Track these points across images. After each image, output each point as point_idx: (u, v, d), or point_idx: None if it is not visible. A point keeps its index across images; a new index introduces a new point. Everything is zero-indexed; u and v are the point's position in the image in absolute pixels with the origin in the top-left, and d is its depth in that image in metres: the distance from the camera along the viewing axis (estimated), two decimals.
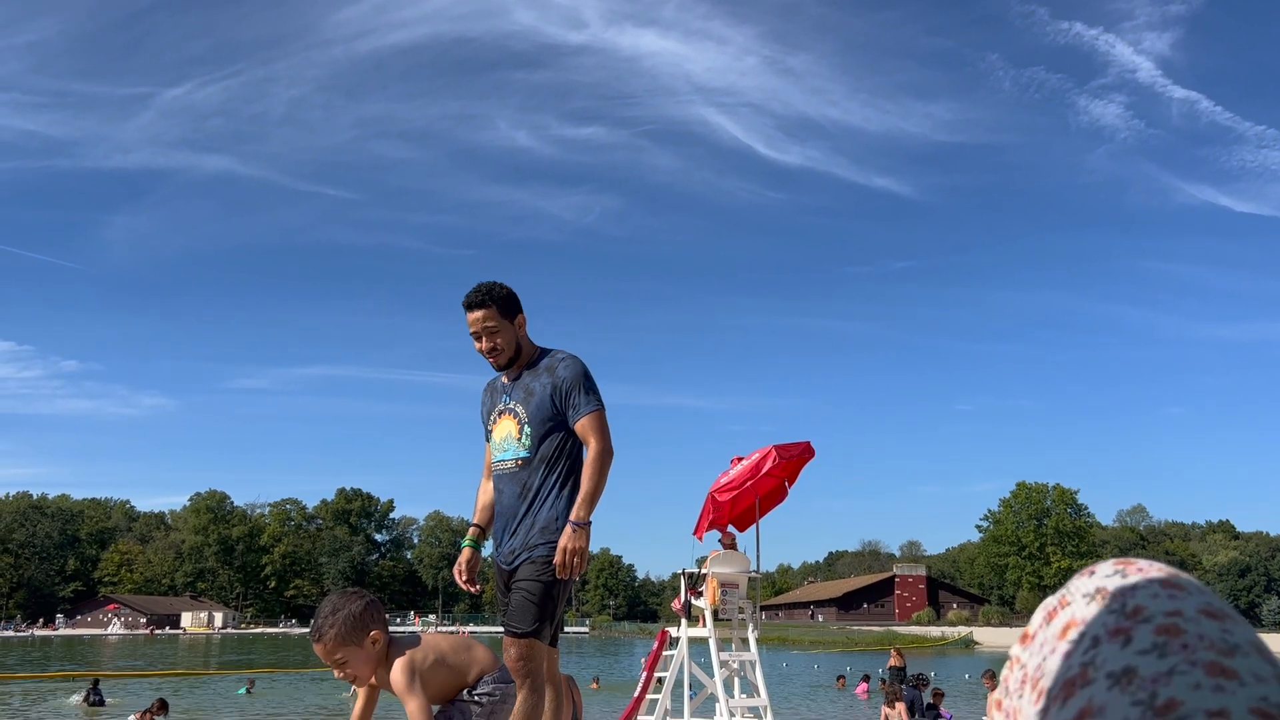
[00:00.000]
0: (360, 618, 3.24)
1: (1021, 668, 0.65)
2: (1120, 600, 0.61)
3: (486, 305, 3.98)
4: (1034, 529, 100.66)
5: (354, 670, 3.26)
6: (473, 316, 4.00)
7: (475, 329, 4.01)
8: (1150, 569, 0.63)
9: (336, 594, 3.38)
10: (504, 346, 4.01)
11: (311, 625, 3.30)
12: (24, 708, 19.20)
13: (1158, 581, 0.62)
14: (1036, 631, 0.65)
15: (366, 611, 3.27)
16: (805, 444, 13.03)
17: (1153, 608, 0.59)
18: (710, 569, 12.26)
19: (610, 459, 3.93)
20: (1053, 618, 0.65)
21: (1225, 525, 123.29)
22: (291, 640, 73.71)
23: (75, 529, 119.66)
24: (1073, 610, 0.63)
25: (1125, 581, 0.63)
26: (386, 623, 3.39)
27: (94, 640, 70.79)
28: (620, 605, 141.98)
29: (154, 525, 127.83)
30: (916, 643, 67.34)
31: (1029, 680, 0.63)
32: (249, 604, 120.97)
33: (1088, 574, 0.66)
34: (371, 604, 3.33)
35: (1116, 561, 0.66)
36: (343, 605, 3.28)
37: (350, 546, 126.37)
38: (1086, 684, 0.57)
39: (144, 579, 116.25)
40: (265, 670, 31.00)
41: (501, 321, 3.99)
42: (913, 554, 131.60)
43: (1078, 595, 0.64)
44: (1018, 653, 0.67)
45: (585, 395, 3.94)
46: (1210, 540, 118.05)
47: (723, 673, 11.88)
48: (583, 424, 3.92)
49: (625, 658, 43.59)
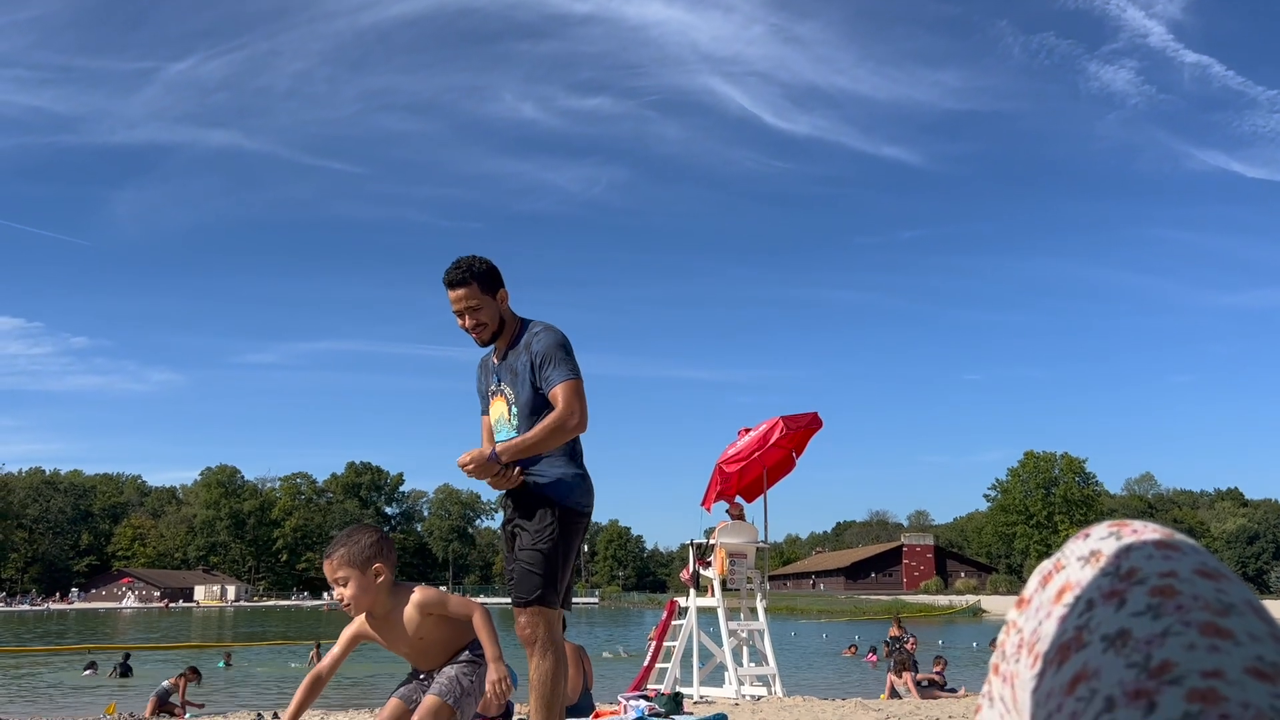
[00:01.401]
0: (369, 547, 3.43)
1: (1018, 632, 0.65)
2: (1114, 562, 0.61)
3: (467, 283, 3.91)
4: (1042, 498, 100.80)
5: (352, 593, 3.40)
6: (454, 295, 3.94)
7: (458, 307, 3.95)
8: (1145, 530, 0.63)
9: (354, 526, 3.61)
10: (487, 322, 3.96)
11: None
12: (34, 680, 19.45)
13: (1152, 543, 0.61)
14: (1032, 596, 0.65)
15: (377, 544, 3.45)
16: (813, 415, 13.04)
17: (1147, 569, 0.59)
18: (718, 539, 12.31)
19: (567, 429, 3.77)
20: (1048, 581, 0.65)
21: (1234, 493, 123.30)
22: (304, 613, 74.37)
23: (88, 504, 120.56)
24: (1067, 574, 0.63)
25: (1120, 543, 0.62)
26: (394, 562, 3.52)
27: (109, 614, 71.53)
28: (629, 576, 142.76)
29: (165, 500, 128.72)
30: (924, 611, 67.61)
31: (1025, 645, 0.63)
32: (261, 577, 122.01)
33: (1082, 537, 0.66)
34: (384, 539, 3.51)
35: (1111, 524, 0.66)
36: (355, 533, 3.52)
37: (360, 520, 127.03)
38: (1081, 647, 0.57)
39: (157, 553, 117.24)
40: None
41: (483, 298, 3.93)
42: (920, 524, 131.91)
43: (1072, 558, 0.64)
44: (1014, 617, 0.67)
45: (556, 366, 3.83)
46: (1219, 508, 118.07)
47: (731, 642, 11.96)
48: (553, 393, 3.81)
49: (634, 628, 43.90)
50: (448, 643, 3.53)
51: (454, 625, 3.51)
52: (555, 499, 3.82)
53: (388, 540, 3.52)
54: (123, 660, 19.97)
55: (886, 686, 14.39)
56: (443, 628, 3.52)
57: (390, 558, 3.47)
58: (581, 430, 3.83)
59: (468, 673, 3.48)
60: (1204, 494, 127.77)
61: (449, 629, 3.52)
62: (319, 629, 41.97)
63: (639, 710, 7.88)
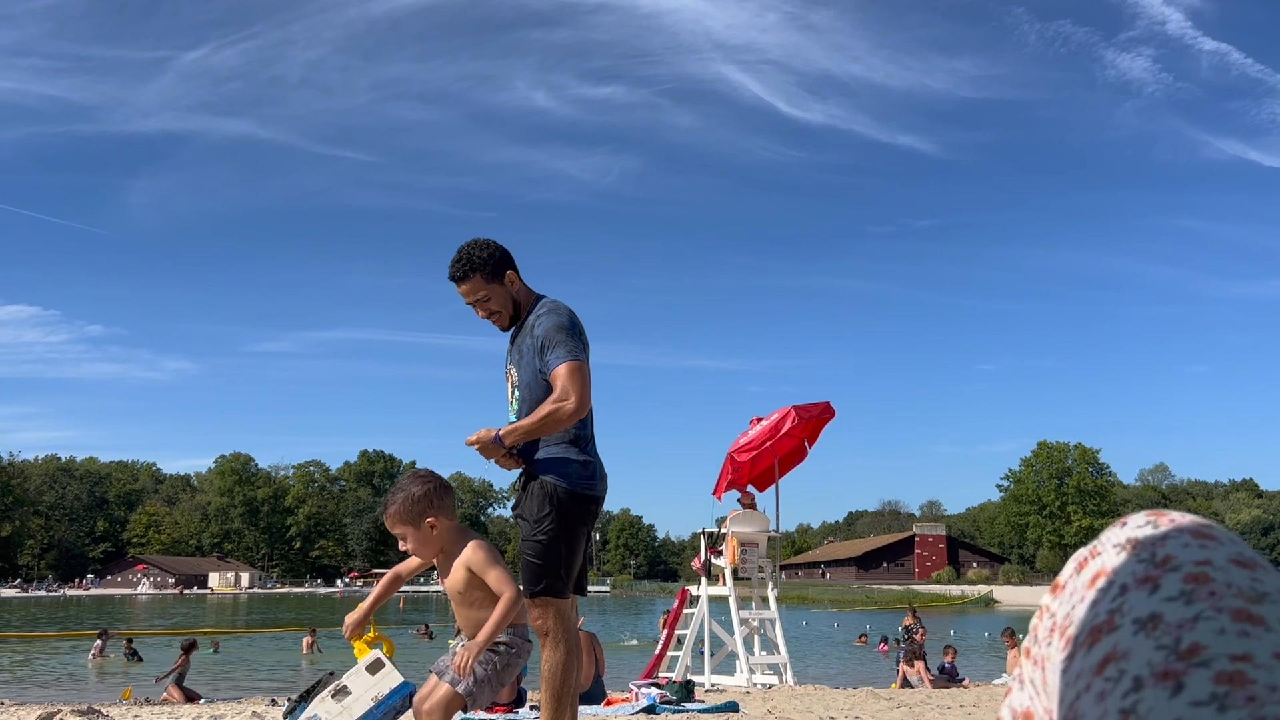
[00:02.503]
0: (419, 501, 3.44)
1: (1051, 616, 0.65)
2: (1150, 550, 0.61)
3: (469, 276, 3.83)
4: (1055, 488, 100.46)
5: (413, 548, 3.50)
6: (461, 290, 3.86)
7: (467, 301, 3.89)
8: (1182, 520, 0.64)
9: (409, 474, 3.59)
10: (501, 309, 3.88)
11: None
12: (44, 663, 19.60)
13: (1188, 531, 0.62)
14: (1067, 581, 0.66)
15: (426, 497, 3.45)
16: (825, 404, 13.02)
17: (1182, 557, 0.59)
18: (730, 528, 12.32)
19: (564, 413, 3.62)
20: (1083, 568, 0.65)
21: (1248, 484, 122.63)
22: (317, 600, 74.77)
23: (103, 491, 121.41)
24: (1103, 560, 0.64)
25: (1156, 532, 0.63)
26: (449, 509, 3.53)
27: (124, 600, 72.07)
28: (641, 565, 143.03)
29: (180, 487, 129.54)
30: (936, 601, 67.57)
31: (1058, 628, 0.64)
32: (275, 564, 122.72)
33: (1120, 525, 0.67)
34: (435, 489, 3.48)
35: (1149, 513, 0.66)
36: (405, 486, 3.50)
37: (373, 507, 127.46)
38: (1112, 630, 0.57)
39: (171, 540, 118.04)
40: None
41: (490, 286, 3.85)
42: (933, 513, 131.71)
43: (1108, 545, 0.65)
44: (1047, 602, 0.67)
45: (554, 349, 3.69)
46: (1233, 499, 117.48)
47: (743, 630, 11.98)
48: (552, 376, 3.68)
49: (646, 616, 43.99)
50: (484, 606, 3.47)
51: (487, 595, 3.48)
52: (555, 485, 3.73)
53: (441, 488, 3.51)
54: (128, 645, 20.13)
55: (899, 676, 14.38)
56: (483, 591, 3.47)
57: (443, 506, 3.48)
58: (580, 415, 3.67)
59: (484, 661, 3.46)
60: (1218, 485, 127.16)
61: (488, 597, 3.47)
62: (332, 615, 42.25)
63: (650, 698, 7.89)
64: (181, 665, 13.45)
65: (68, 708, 7.22)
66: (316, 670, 17.48)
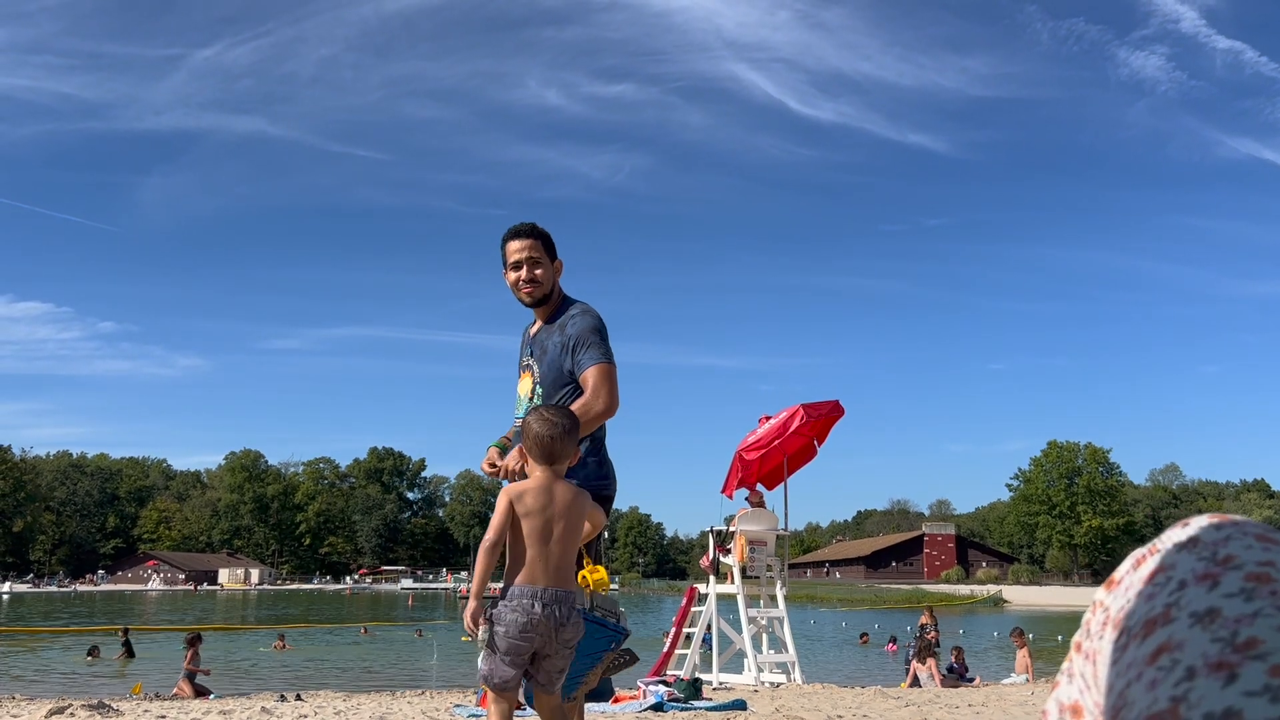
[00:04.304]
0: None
1: (1104, 610, 0.65)
2: (1211, 549, 0.61)
3: (536, 235, 3.89)
4: (1065, 488, 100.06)
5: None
6: (518, 244, 3.88)
7: (519, 256, 3.88)
8: (1246, 523, 0.64)
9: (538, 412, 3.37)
10: (543, 280, 3.89)
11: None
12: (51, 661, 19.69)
13: (1253, 534, 0.62)
14: (1123, 577, 0.66)
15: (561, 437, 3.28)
16: (834, 403, 13.00)
17: (1245, 557, 0.59)
18: (738, 527, 12.31)
19: (600, 413, 3.62)
20: (1141, 564, 0.65)
21: (1260, 484, 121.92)
22: (326, 596, 74.99)
23: (114, 487, 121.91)
24: (1161, 557, 0.64)
25: (1219, 533, 0.63)
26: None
27: (134, 596, 72.36)
28: (649, 563, 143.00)
29: (190, 484, 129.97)
30: (945, 601, 67.45)
31: (1111, 622, 0.63)
32: (284, 561, 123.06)
33: (1181, 525, 0.66)
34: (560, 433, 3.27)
35: (1213, 515, 0.66)
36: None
37: (383, 505, 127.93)
38: (1168, 623, 0.57)
39: (182, 536, 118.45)
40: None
41: (544, 256, 3.89)
42: (942, 513, 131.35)
43: (1168, 544, 0.65)
44: (1101, 597, 0.67)
45: (588, 349, 3.71)
46: (1244, 499, 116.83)
47: (751, 629, 11.97)
48: (584, 375, 3.68)
49: (654, 614, 44.00)
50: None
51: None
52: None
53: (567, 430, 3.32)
54: (124, 639, 20.09)
55: (909, 674, 14.35)
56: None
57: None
58: (610, 415, 3.71)
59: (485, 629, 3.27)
60: (1229, 485, 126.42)
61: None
62: (343, 612, 42.35)
63: (658, 695, 7.89)
64: (191, 660, 13.48)
65: (78, 702, 7.25)
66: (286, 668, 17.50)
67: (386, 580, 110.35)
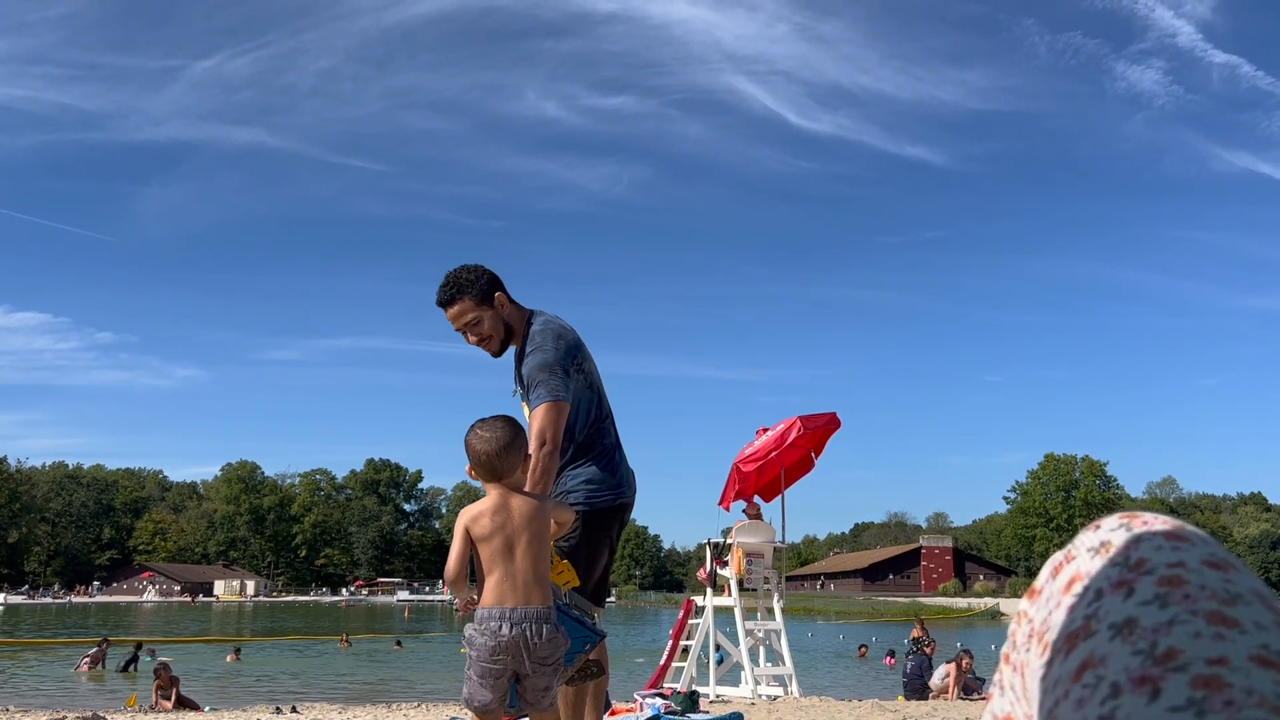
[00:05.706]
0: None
1: (1029, 622, 0.65)
2: (1124, 553, 0.61)
3: (458, 298, 3.69)
4: (1062, 500, 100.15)
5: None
6: (450, 314, 3.71)
7: (456, 326, 3.73)
8: (1155, 522, 0.64)
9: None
10: (491, 334, 3.74)
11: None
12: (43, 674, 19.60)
13: (1162, 534, 0.62)
14: (1043, 586, 0.66)
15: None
16: (831, 415, 13.00)
17: (1155, 560, 0.59)
18: (735, 539, 12.29)
19: (546, 455, 3.42)
20: (1059, 572, 0.65)
21: (1257, 497, 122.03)
22: (322, 609, 74.74)
23: (110, 498, 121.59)
24: (1077, 564, 0.64)
25: (1130, 535, 0.63)
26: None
27: (130, 607, 72.09)
28: (646, 575, 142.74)
29: (186, 495, 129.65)
30: (943, 613, 67.30)
31: (1035, 634, 0.63)
32: (280, 573, 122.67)
33: (1093, 528, 0.66)
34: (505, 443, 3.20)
35: (1122, 515, 0.66)
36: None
37: (379, 516, 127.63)
38: (1089, 636, 0.57)
39: (177, 547, 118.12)
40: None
41: (480, 310, 3.70)
42: (939, 525, 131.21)
43: (1082, 550, 0.65)
44: (1025, 607, 0.67)
45: (536, 389, 3.56)
46: (1241, 512, 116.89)
47: (748, 642, 11.94)
48: (531, 418, 3.54)
49: (651, 627, 43.89)
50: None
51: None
52: (581, 506, 3.71)
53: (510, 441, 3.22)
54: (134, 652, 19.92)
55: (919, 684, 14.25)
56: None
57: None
58: (556, 453, 3.49)
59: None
60: (1226, 498, 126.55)
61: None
62: (340, 625, 42.20)
63: (655, 708, 7.87)
64: (160, 687, 13.08)
65: (72, 715, 7.22)
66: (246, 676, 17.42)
67: (383, 592, 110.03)
